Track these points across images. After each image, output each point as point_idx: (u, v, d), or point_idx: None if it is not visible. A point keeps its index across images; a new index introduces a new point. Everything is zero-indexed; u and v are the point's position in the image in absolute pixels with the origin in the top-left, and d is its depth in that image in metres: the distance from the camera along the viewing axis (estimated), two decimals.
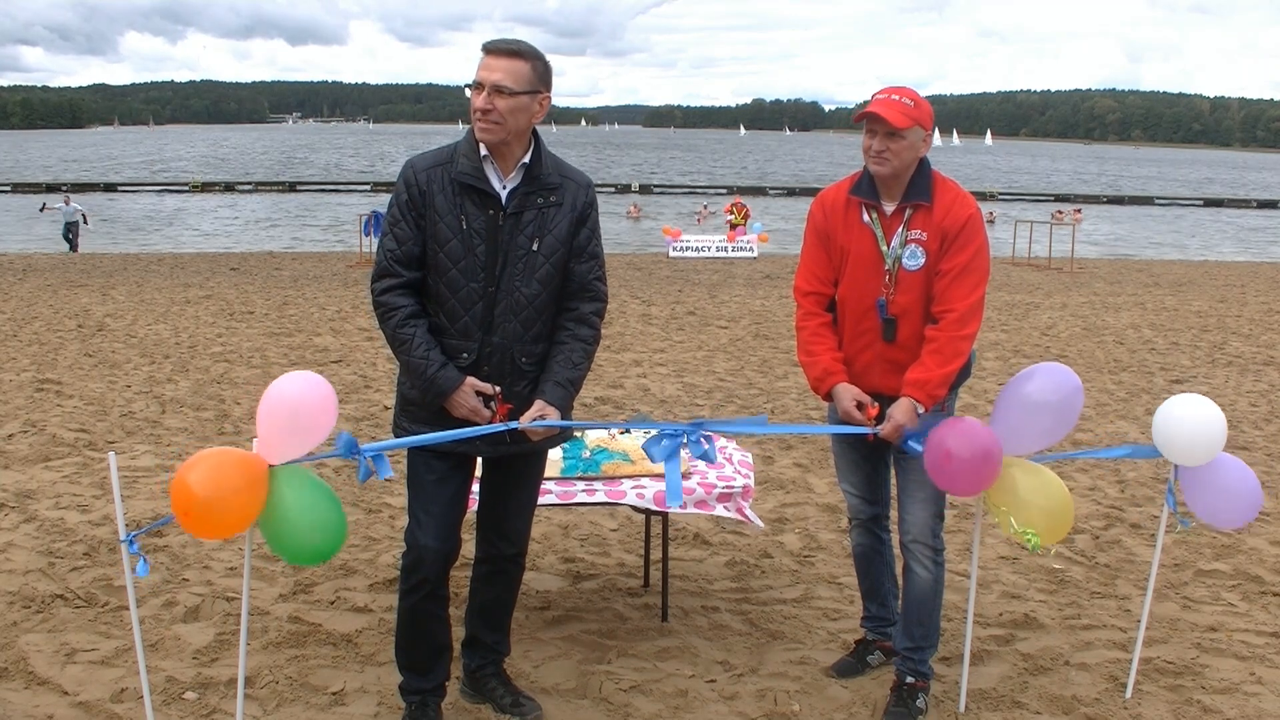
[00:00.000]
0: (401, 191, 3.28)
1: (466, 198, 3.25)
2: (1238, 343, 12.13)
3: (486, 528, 3.59)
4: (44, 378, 8.91)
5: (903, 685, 3.74)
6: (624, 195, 43.92)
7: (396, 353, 3.30)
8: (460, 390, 3.24)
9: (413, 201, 3.26)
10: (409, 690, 3.52)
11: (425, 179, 3.26)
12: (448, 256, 3.26)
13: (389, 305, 3.28)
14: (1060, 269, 20.74)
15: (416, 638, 3.47)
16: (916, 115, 3.41)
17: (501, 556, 3.60)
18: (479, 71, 3.19)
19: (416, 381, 3.27)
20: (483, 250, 3.26)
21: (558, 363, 3.37)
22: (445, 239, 3.25)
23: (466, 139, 3.30)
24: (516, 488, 3.54)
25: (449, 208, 3.25)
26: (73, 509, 5.63)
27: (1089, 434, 7.70)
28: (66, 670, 3.88)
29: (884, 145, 3.42)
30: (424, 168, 3.29)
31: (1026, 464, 3.53)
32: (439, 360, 3.24)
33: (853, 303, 3.59)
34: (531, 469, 3.56)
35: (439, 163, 3.30)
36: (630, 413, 7.99)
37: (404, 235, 3.26)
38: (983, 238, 3.50)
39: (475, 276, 3.27)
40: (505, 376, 3.32)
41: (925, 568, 3.69)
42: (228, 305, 13.48)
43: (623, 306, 14.06)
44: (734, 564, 5.10)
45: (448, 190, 3.25)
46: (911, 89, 3.49)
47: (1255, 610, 4.71)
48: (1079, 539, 5.52)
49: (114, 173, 57.77)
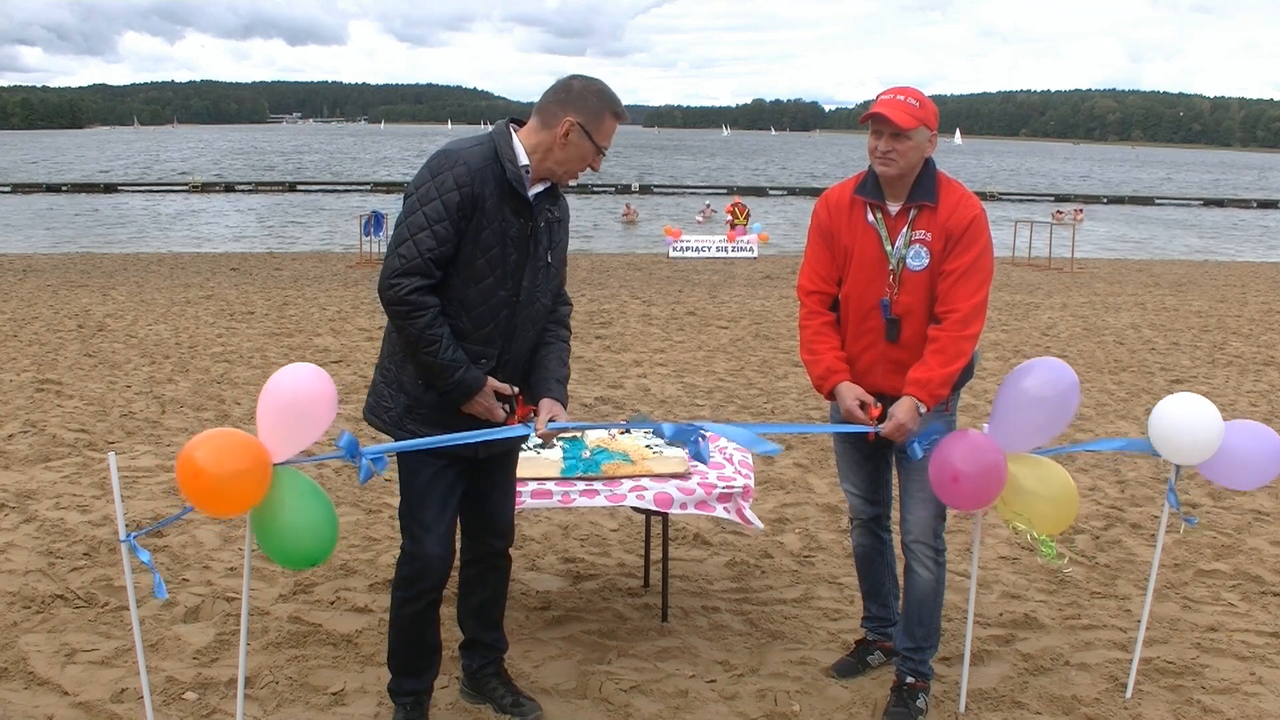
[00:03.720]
0: (450, 189, 3.09)
1: (508, 204, 3.18)
2: (1238, 343, 12.13)
3: (475, 526, 3.58)
4: (44, 378, 8.91)
5: (903, 685, 3.74)
6: (622, 196, 43.77)
7: (421, 352, 3.14)
8: (482, 391, 3.23)
9: (464, 203, 3.10)
10: (402, 691, 3.52)
11: (480, 180, 3.12)
12: (488, 262, 3.17)
13: (417, 304, 3.10)
14: (1060, 269, 20.73)
15: (415, 642, 3.48)
16: (922, 115, 3.41)
17: (493, 553, 3.61)
18: (611, 140, 3.25)
19: (442, 382, 3.18)
20: (515, 259, 3.23)
21: (552, 362, 3.40)
22: (489, 244, 3.16)
23: (506, 141, 3.19)
24: (501, 481, 3.57)
25: (496, 212, 3.15)
26: (73, 509, 5.63)
27: (1089, 434, 7.70)
28: (66, 671, 3.88)
29: (890, 146, 3.42)
30: (477, 167, 3.12)
31: (1028, 458, 3.54)
32: (465, 361, 3.18)
33: (856, 302, 3.60)
34: (512, 460, 3.61)
35: (486, 161, 3.15)
36: (630, 413, 7.99)
37: (445, 235, 3.09)
38: (987, 239, 3.50)
39: (506, 284, 3.23)
40: (514, 383, 3.34)
41: (927, 568, 3.69)
42: (228, 305, 13.47)
43: (623, 307, 14.06)
44: (734, 564, 5.10)
45: (495, 193, 3.15)
46: (917, 89, 3.49)
47: (1255, 610, 4.71)
48: (1079, 539, 5.52)
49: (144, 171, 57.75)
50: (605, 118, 3.21)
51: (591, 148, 3.21)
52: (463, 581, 3.66)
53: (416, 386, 3.27)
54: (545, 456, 4.27)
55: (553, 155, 3.21)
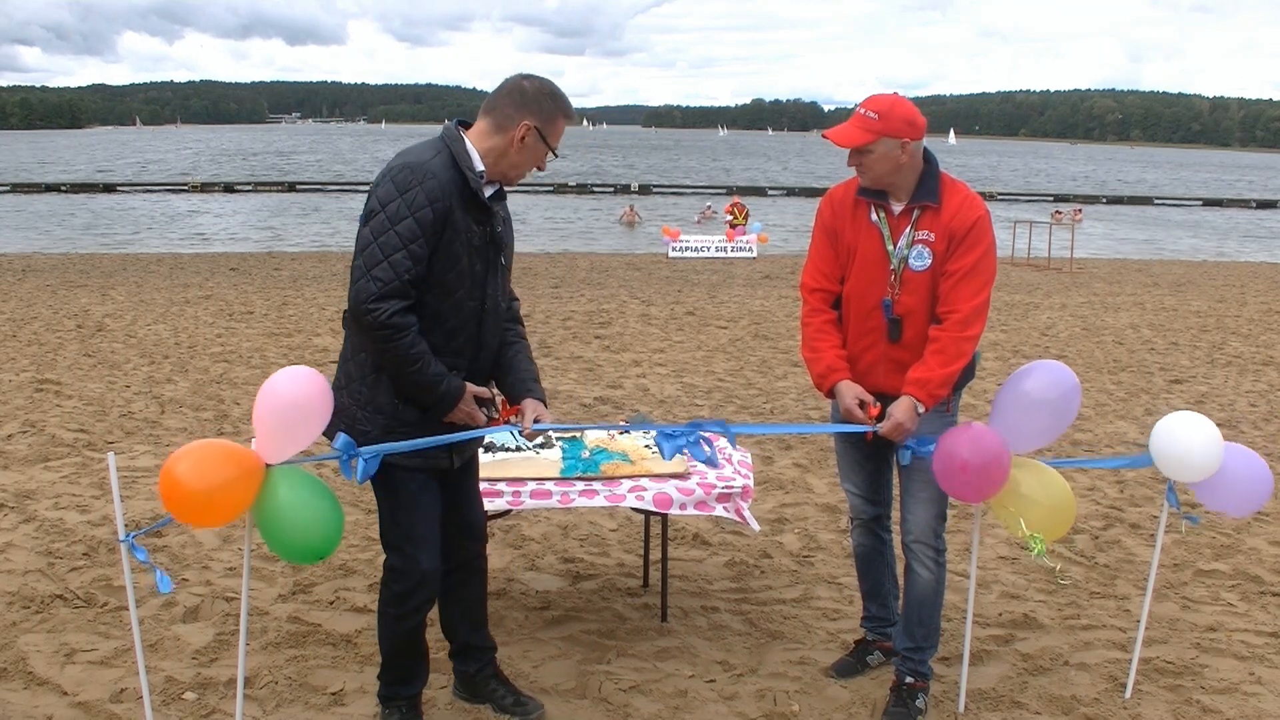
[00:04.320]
0: (422, 206, 3.00)
1: (471, 213, 3.14)
2: (1237, 343, 12.14)
3: (452, 533, 3.51)
4: (43, 378, 8.91)
5: (902, 685, 3.74)
6: (620, 196, 43.67)
7: (406, 373, 3.07)
8: (463, 398, 3.23)
9: (437, 220, 3.03)
10: (395, 698, 3.52)
11: (448, 194, 3.05)
12: (458, 275, 3.13)
13: (400, 327, 3.01)
14: (1059, 269, 20.74)
15: (408, 653, 3.48)
16: (881, 128, 3.41)
17: (472, 555, 3.62)
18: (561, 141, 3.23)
19: (428, 398, 3.14)
20: (479, 268, 3.21)
21: (520, 361, 3.41)
22: (458, 256, 3.11)
23: (459, 145, 3.14)
24: (471, 486, 3.59)
25: (464, 223, 3.11)
26: (72, 509, 5.63)
27: (1088, 434, 7.70)
28: (66, 670, 3.88)
29: (856, 160, 3.50)
30: (445, 180, 3.06)
31: (1028, 462, 3.54)
32: (445, 373, 3.16)
33: (858, 301, 3.60)
34: (476, 465, 3.66)
35: (448, 170, 3.08)
36: (630, 413, 7.98)
37: (419, 254, 3.01)
38: (990, 240, 3.50)
39: (474, 295, 3.21)
40: (480, 385, 3.33)
41: (927, 568, 3.69)
42: (227, 305, 13.47)
43: (622, 307, 14.06)
44: (733, 564, 5.10)
45: (461, 205, 3.10)
46: (891, 96, 3.48)
47: (1255, 610, 4.71)
48: (1079, 539, 5.52)
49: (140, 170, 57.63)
50: (559, 120, 3.20)
51: (545, 150, 3.19)
52: (445, 590, 3.57)
53: (393, 405, 3.18)
54: (544, 457, 4.27)
55: (507, 159, 3.17)
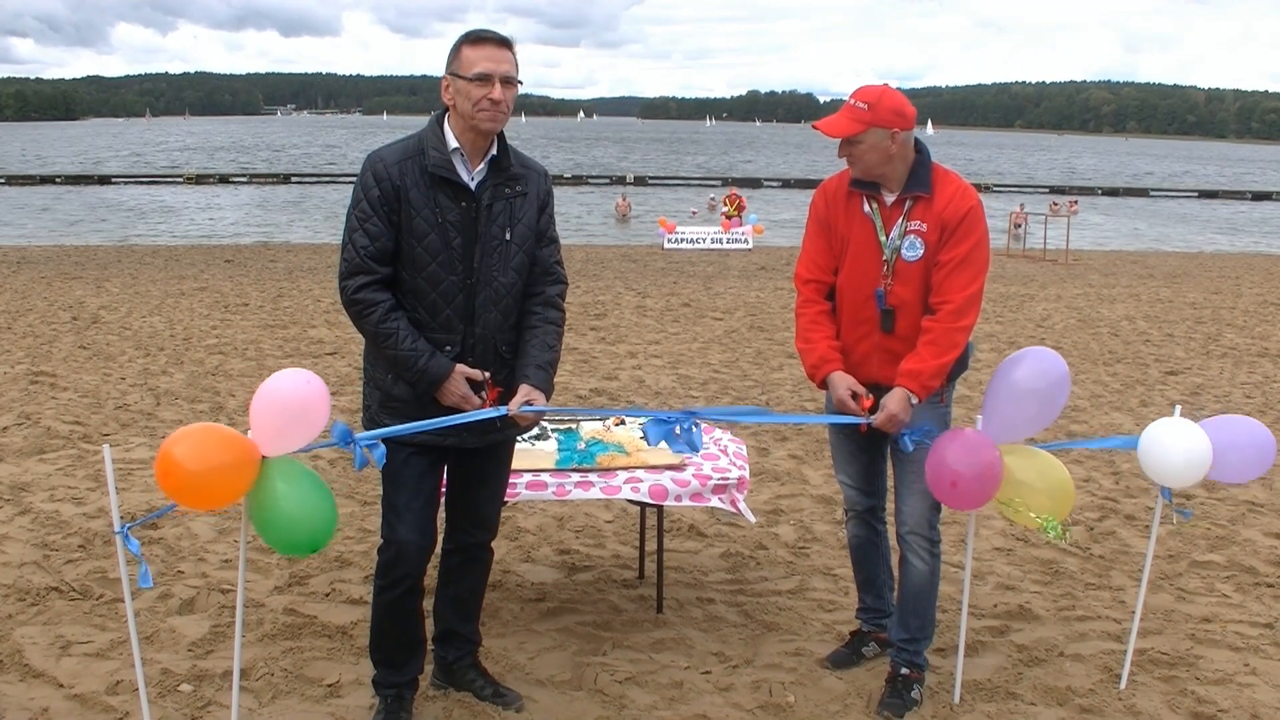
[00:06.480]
0: (371, 186, 3.19)
1: (439, 190, 3.22)
2: (1232, 334, 12.15)
3: (459, 516, 3.58)
4: (38, 370, 8.88)
5: (898, 676, 3.75)
6: (616, 187, 43.60)
7: (381, 348, 3.24)
8: (451, 378, 3.24)
9: (385, 196, 3.18)
10: (384, 684, 3.52)
11: (397, 172, 3.19)
12: (426, 250, 3.22)
13: (366, 302, 3.20)
14: (1055, 260, 20.75)
15: (395, 633, 3.48)
16: (871, 118, 3.43)
17: (476, 544, 3.62)
18: (483, 63, 3.15)
19: (407, 373, 3.23)
20: (460, 243, 3.25)
21: (534, 346, 3.39)
22: (423, 233, 3.21)
23: (433, 131, 3.26)
24: (491, 473, 3.56)
25: (424, 201, 3.21)
26: (67, 501, 5.62)
27: (1084, 425, 7.72)
28: (61, 663, 3.88)
29: (846, 151, 3.51)
30: (394, 161, 3.21)
31: (1020, 448, 3.54)
32: (426, 349, 3.21)
33: (851, 292, 3.60)
34: (504, 454, 3.59)
35: (407, 155, 3.22)
36: (625, 404, 7.99)
37: (376, 231, 3.19)
38: (983, 230, 3.50)
39: (454, 269, 3.25)
40: (489, 366, 3.34)
41: (922, 559, 3.70)
42: (222, 297, 13.44)
43: (617, 298, 14.05)
44: (729, 556, 5.11)
45: (420, 183, 3.21)
46: (880, 87, 3.50)
47: (1249, 601, 4.72)
48: (1074, 531, 5.53)
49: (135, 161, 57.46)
50: (462, 51, 3.21)
51: (467, 84, 3.17)
52: (443, 571, 3.66)
53: (386, 381, 3.32)
54: (540, 448, 4.27)
55: (458, 121, 3.24)
